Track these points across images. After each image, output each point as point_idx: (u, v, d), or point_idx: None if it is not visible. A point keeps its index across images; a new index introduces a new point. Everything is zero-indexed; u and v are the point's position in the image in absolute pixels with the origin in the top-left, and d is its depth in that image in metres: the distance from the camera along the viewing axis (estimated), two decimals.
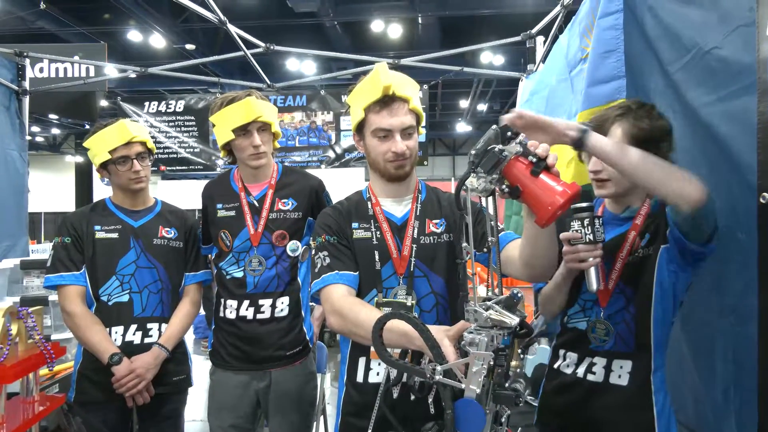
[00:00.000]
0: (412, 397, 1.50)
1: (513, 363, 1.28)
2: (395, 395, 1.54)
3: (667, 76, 1.77)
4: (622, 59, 1.89)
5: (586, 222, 1.42)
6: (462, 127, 19.80)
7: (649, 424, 1.48)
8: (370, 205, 1.66)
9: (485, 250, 1.31)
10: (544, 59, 4.00)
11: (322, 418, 2.80)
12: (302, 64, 11.19)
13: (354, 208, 1.67)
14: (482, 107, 17.59)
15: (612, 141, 1.36)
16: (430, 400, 1.51)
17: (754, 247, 1.27)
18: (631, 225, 1.55)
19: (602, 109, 1.63)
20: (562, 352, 1.65)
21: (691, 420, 1.85)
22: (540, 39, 4.23)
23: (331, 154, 6.54)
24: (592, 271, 1.45)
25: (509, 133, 1.22)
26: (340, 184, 2.33)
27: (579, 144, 1.29)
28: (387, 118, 1.55)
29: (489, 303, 1.16)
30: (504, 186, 1.21)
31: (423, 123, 1.66)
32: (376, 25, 10.22)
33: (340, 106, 6.44)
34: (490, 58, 10.90)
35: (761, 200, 1.23)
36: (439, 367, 1.13)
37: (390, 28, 10.32)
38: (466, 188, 1.22)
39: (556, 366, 1.65)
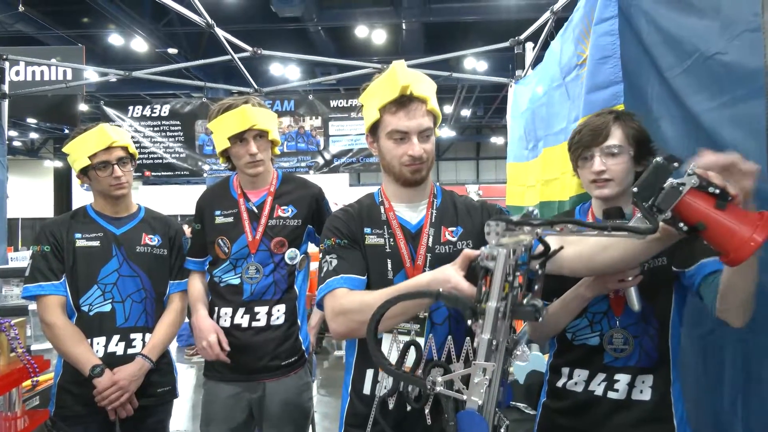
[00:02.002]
0: (409, 408, 1.46)
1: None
2: (391, 406, 1.50)
3: (665, 82, 1.75)
4: (618, 64, 1.88)
5: None
6: (446, 133, 19.88)
7: None
8: (383, 210, 1.58)
9: None
10: (534, 65, 4.01)
11: (310, 427, 2.75)
12: (286, 69, 11.15)
13: (366, 213, 1.59)
14: (466, 113, 17.71)
15: None
16: (426, 410, 1.47)
17: (764, 255, 1.25)
18: None
19: (591, 116, 1.61)
20: (566, 369, 1.59)
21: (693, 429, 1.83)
22: (529, 45, 4.25)
23: (319, 159, 6.49)
24: (633, 290, 1.41)
25: (676, 164, 1.10)
26: (325, 189, 2.29)
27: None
28: (404, 120, 1.47)
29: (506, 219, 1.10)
30: (681, 224, 1.10)
31: (440, 124, 1.59)
32: (361, 31, 10.23)
33: (328, 111, 6.41)
34: (474, 64, 10.97)
35: None
36: (439, 378, 1.10)
37: (374, 34, 10.34)
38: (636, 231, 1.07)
39: (560, 384, 1.59)
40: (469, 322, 1.09)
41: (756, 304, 1.27)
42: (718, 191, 1.08)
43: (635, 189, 1.10)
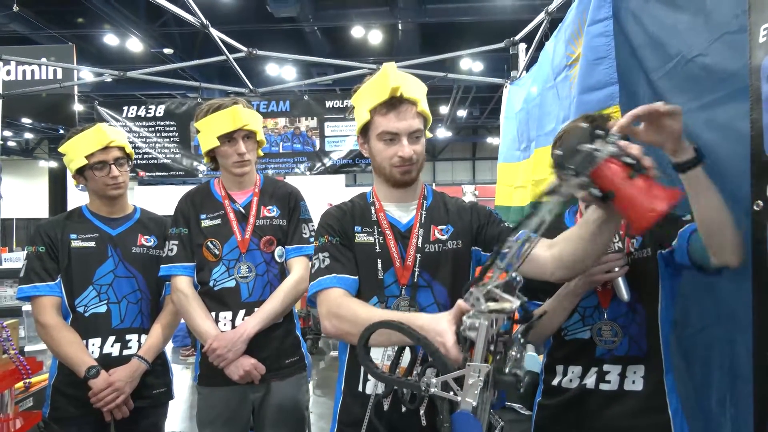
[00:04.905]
0: (404, 409, 1.46)
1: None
2: (386, 407, 1.50)
3: (650, 83, 1.77)
4: (613, 66, 1.89)
5: None
6: (442, 133, 19.90)
7: (666, 426, 1.48)
8: (373, 210, 1.61)
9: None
10: (528, 66, 4.03)
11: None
12: (282, 70, 11.14)
13: (358, 212, 1.61)
14: (462, 113, 17.73)
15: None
16: (421, 412, 1.48)
17: (748, 254, 1.26)
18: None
19: (570, 124, 1.61)
20: (560, 367, 1.60)
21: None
22: (522, 46, 4.26)
23: (315, 160, 6.48)
24: (621, 280, 1.43)
25: (600, 132, 1.11)
26: (321, 190, 2.30)
27: (689, 165, 1.20)
28: (394, 121, 1.49)
29: (488, 287, 1.11)
30: (593, 189, 1.13)
31: (430, 125, 1.60)
32: (357, 31, 10.24)
33: (324, 111, 6.39)
34: (470, 64, 10.99)
35: (755, 207, 1.21)
36: (434, 380, 1.10)
37: (370, 34, 10.35)
38: (556, 191, 1.11)
39: (555, 383, 1.61)
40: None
41: (743, 306, 1.27)
42: (634, 162, 1.10)
43: (559, 152, 1.12)
